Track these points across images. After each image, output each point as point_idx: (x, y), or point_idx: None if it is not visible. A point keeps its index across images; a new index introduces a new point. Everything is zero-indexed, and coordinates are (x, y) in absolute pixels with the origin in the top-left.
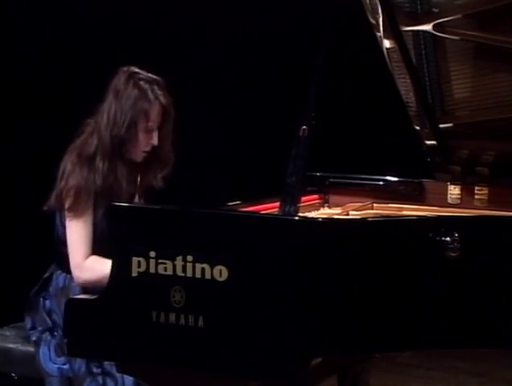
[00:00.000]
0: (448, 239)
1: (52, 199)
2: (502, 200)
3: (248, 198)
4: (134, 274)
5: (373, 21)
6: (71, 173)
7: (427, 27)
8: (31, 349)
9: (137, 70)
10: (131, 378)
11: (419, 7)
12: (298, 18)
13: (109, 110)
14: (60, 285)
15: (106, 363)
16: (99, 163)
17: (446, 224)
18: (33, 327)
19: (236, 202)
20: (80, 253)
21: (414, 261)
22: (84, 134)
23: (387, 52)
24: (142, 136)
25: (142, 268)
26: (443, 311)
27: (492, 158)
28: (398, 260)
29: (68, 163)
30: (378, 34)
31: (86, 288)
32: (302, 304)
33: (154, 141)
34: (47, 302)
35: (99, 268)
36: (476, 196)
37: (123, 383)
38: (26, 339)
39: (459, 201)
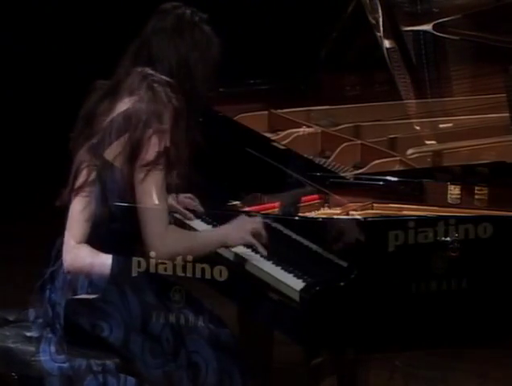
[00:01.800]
0: (448, 239)
1: (66, 195)
2: (502, 200)
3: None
4: (134, 274)
5: (373, 21)
6: (90, 178)
7: (427, 27)
8: (31, 349)
9: (150, 72)
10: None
11: (419, 7)
12: None
13: (125, 112)
14: (67, 277)
15: (107, 360)
16: (118, 169)
17: (446, 224)
18: (35, 319)
19: (236, 202)
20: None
21: (414, 261)
22: (99, 133)
23: (387, 52)
24: (154, 138)
25: (142, 268)
26: (443, 311)
27: (492, 158)
28: (398, 260)
29: (87, 164)
30: (378, 34)
31: (91, 283)
32: (301, 304)
33: (167, 143)
34: (53, 295)
35: (82, 255)
36: (476, 196)
37: (125, 381)
38: (27, 339)
39: (459, 201)
